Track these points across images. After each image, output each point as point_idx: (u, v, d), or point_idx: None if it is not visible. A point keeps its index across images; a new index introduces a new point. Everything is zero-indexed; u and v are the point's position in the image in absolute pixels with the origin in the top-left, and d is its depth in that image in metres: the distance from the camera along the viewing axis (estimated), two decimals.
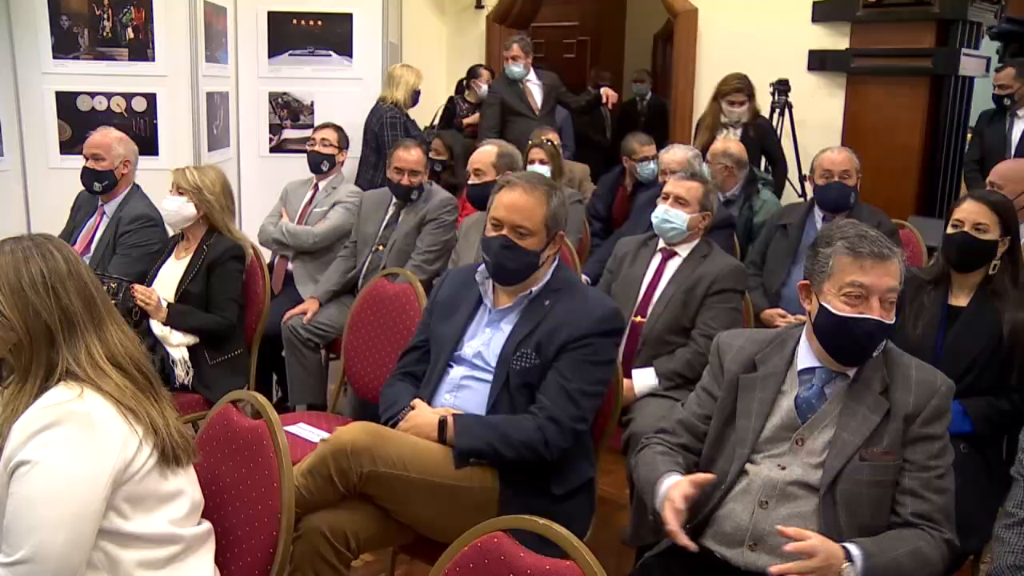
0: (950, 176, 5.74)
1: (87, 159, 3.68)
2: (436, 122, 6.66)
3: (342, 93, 5.67)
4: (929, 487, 1.92)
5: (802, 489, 1.94)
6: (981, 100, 5.76)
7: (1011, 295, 2.72)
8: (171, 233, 3.60)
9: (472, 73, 6.74)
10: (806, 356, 2.04)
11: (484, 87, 6.56)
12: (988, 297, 2.75)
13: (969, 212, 2.74)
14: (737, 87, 5.14)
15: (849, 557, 1.80)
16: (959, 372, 2.55)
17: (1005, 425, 2.63)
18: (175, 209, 3.37)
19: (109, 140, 3.69)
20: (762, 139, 5.21)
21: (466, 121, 6.56)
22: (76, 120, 4.72)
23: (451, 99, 6.79)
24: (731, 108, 5.13)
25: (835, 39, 5.80)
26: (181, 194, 3.36)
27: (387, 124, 5.31)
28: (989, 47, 5.95)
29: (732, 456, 2.04)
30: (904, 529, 1.92)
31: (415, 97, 5.60)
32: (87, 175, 3.69)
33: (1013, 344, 2.66)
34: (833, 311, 1.94)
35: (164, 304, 3.24)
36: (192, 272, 3.32)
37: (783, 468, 1.96)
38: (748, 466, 2.00)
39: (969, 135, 5.85)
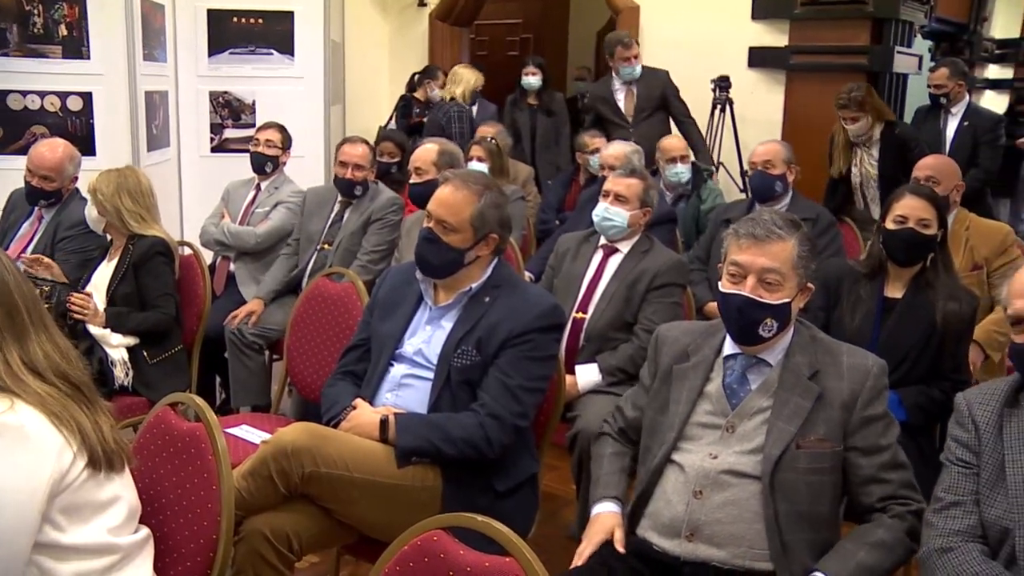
0: None
1: (34, 177, 3.62)
2: (391, 122, 6.62)
3: (284, 92, 5.63)
4: (887, 467, 1.98)
5: (735, 477, 1.96)
6: (915, 97, 5.89)
7: (943, 286, 2.78)
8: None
9: (427, 73, 6.71)
10: (730, 343, 2.09)
11: (437, 90, 6.55)
12: (922, 288, 2.81)
13: (913, 208, 2.79)
14: (842, 103, 4.61)
15: None
16: (895, 362, 2.61)
17: (938, 413, 2.70)
18: (89, 214, 3.39)
19: (59, 160, 3.65)
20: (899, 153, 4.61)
21: (425, 121, 6.54)
22: (8, 119, 4.61)
23: (404, 98, 6.75)
24: (847, 126, 4.62)
25: (774, 36, 5.90)
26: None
27: (454, 118, 5.83)
28: (921, 45, 6.09)
29: (662, 442, 2.07)
30: (857, 528, 1.98)
31: (474, 96, 6.26)
32: (34, 193, 3.64)
33: (945, 334, 2.72)
34: (720, 288, 2.04)
35: (101, 310, 3.20)
36: (120, 273, 3.28)
37: (715, 457, 1.98)
38: (681, 456, 2.02)
39: None
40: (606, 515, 2.12)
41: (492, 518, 1.50)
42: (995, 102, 9.09)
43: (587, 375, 3.03)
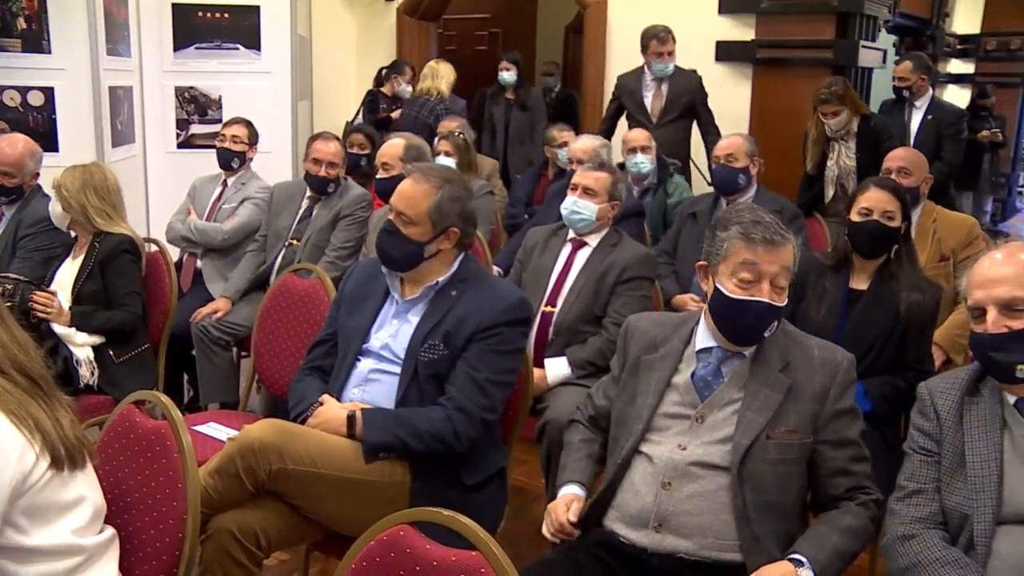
0: None
1: None
2: (358, 117, 6.59)
3: (251, 88, 5.58)
4: (854, 460, 2.01)
5: (704, 469, 1.97)
6: (879, 91, 5.95)
7: (907, 277, 2.82)
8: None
9: (395, 68, 6.68)
10: (704, 336, 2.09)
11: (404, 85, 6.53)
12: (886, 280, 2.84)
13: (877, 200, 2.82)
14: (824, 97, 4.59)
15: (798, 564, 1.88)
16: (860, 353, 2.62)
17: (902, 403, 2.72)
18: (53, 210, 3.35)
19: (20, 155, 3.61)
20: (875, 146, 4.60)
21: (393, 116, 6.53)
22: None
23: (372, 92, 6.72)
24: (827, 120, 4.61)
25: (741, 30, 5.92)
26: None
27: (440, 113, 5.82)
28: (886, 40, 6.15)
29: (630, 434, 2.08)
30: (828, 511, 2.01)
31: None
32: None
33: (909, 324, 2.76)
34: (726, 293, 2.00)
35: (66, 308, 3.16)
36: (86, 271, 3.24)
37: (683, 448, 1.99)
38: (649, 447, 2.03)
39: None
40: (565, 494, 2.15)
41: (461, 512, 1.50)
42: (957, 96, 9.22)
43: (556, 368, 3.04)
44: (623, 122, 5.51)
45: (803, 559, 1.90)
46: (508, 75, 6.43)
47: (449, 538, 1.49)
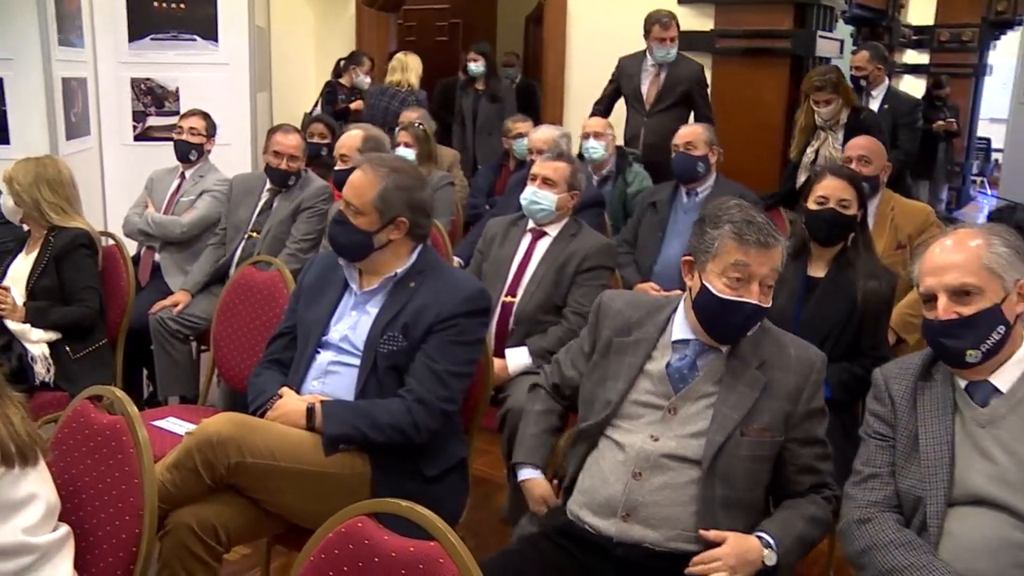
0: None
1: None
2: (317, 108, 6.55)
3: (209, 79, 5.49)
4: (820, 458, 2.04)
5: (675, 461, 1.98)
6: None
7: (863, 265, 2.85)
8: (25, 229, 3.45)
9: (353, 59, 6.64)
10: (682, 327, 2.09)
11: (363, 76, 6.48)
12: (843, 268, 2.87)
13: (833, 189, 2.84)
14: (818, 85, 4.57)
15: (766, 544, 1.91)
16: (818, 340, 2.64)
17: (860, 389, 2.75)
18: (5, 204, 3.30)
19: None
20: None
21: (353, 107, 6.49)
22: None
23: (330, 84, 6.68)
24: (819, 109, 4.58)
25: (700, 20, 5.94)
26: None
27: (412, 104, 5.84)
28: (843, 30, 6.21)
29: (599, 416, 2.08)
30: (791, 499, 2.04)
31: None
32: None
33: (865, 312, 2.79)
34: (714, 291, 1.98)
35: (20, 304, 3.11)
36: (40, 266, 3.19)
37: (656, 439, 2.00)
38: (620, 435, 2.04)
39: None
40: (534, 484, 2.20)
41: (422, 503, 1.50)
42: (913, 86, 9.33)
43: (517, 358, 3.04)
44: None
45: (770, 539, 1.93)
46: (475, 66, 6.41)
47: (410, 529, 1.49)
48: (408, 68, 6.28)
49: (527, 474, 2.22)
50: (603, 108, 5.43)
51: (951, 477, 1.80)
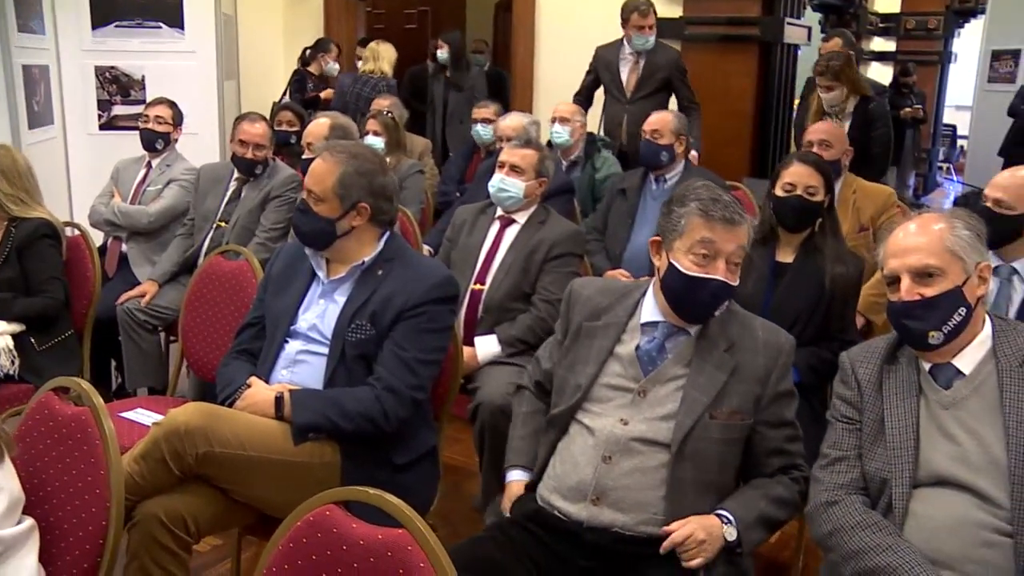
0: (780, 140, 6.01)
1: None
2: (286, 97, 6.50)
3: (175, 67, 5.46)
4: (789, 440, 2.06)
5: (645, 445, 1.98)
6: (806, 67, 6.04)
7: (831, 250, 2.87)
8: None
9: (320, 46, 6.59)
10: (651, 310, 2.10)
11: (332, 63, 6.44)
12: (811, 253, 2.89)
13: (800, 175, 2.86)
14: (819, 70, 4.54)
15: (725, 520, 1.93)
16: (787, 325, 2.65)
17: (828, 373, 2.77)
18: None
19: None
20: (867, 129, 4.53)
21: (323, 96, 6.45)
22: None
23: (299, 72, 6.62)
24: (823, 94, 4.53)
25: (670, 7, 5.94)
26: None
27: (385, 91, 5.76)
28: (811, 17, 6.24)
29: (569, 401, 2.09)
30: (758, 479, 2.06)
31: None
32: None
33: (833, 296, 2.81)
34: (681, 269, 2.00)
35: None
36: (2, 257, 3.15)
37: (625, 423, 2.00)
38: (590, 419, 2.05)
39: (797, 100, 6.14)
40: (515, 486, 2.19)
41: (392, 492, 1.49)
42: (880, 73, 9.41)
43: (486, 346, 3.04)
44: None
45: (730, 517, 1.94)
46: (441, 53, 6.42)
47: (379, 517, 1.49)
48: (380, 56, 6.26)
49: (512, 476, 2.22)
50: (583, 98, 5.37)
51: (916, 459, 1.83)
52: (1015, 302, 2.63)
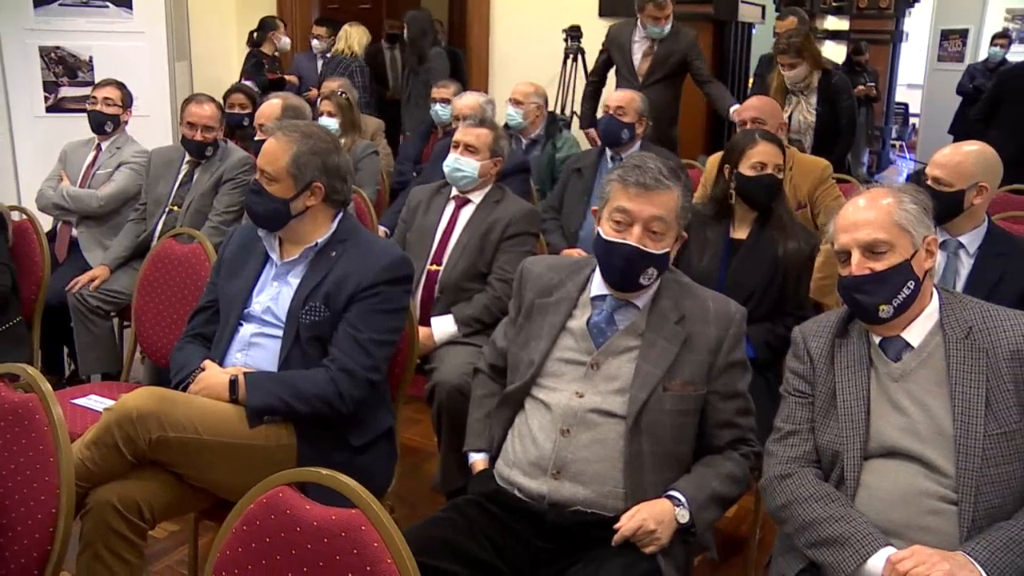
0: None
1: None
2: (241, 79, 6.40)
3: (124, 48, 5.35)
4: (740, 413, 2.07)
5: (601, 416, 1.99)
6: (759, 46, 6.08)
7: (784, 226, 2.90)
8: None
9: (266, 26, 6.50)
10: (599, 284, 2.11)
11: (284, 39, 6.37)
12: (765, 229, 2.92)
13: (769, 154, 2.89)
14: (781, 48, 4.53)
15: (677, 503, 1.93)
16: (741, 300, 2.67)
17: (783, 348, 2.80)
18: None
19: None
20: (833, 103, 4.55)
21: (288, 79, 6.39)
22: None
23: (253, 54, 6.53)
24: (785, 72, 4.52)
25: None
26: None
27: (357, 71, 6.12)
28: None
29: (523, 378, 2.09)
30: (709, 456, 2.07)
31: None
32: None
33: (787, 272, 2.85)
34: (602, 235, 2.03)
35: None
36: None
37: (581, 396, 2.01)
38: (545, 394, 2.05)
39: (751, 79, 6.18)
40: (478, 463, 2.19)
41: (350, 473, 1.48)
42: (833, 52, 9.46)
43: (443, 326, 3.03)
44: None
45: (681, 498, 1.95)
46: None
47: (336, 499, 1.48)
48: (351, 37, 6.33)
49: (475, 457, 2.22)
50: (597, 79, 5.26)
51: (867, 431, 1.86)
52: (962, 276, 2.68)
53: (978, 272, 2.65)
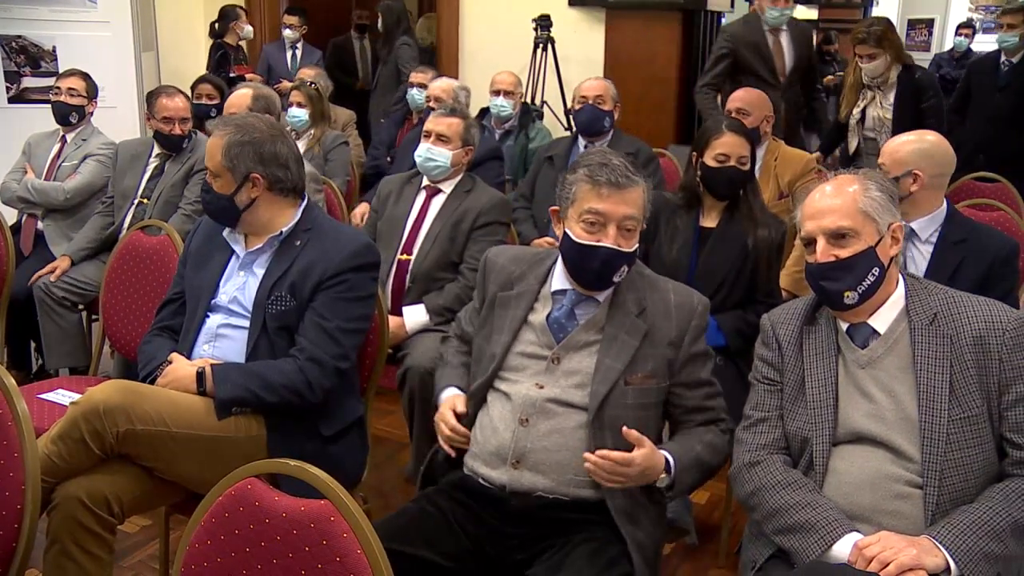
0: None
1: None
2: (208, 70, 6.34)
3: (88, 38, 5.28)
4: (709, 397, 2.08)
5: (561, 406, 1.99)
6: None
7: (754, 215, 2.92)
8: None
9: (228, 15, 6.42)
10: (560, 278, 2.11)
11: (246, 28, 6.30)
12: (734, 218, 2.93)
13: (732, 146, 2.89)
14: (860, 37, 4.23)
15: (666, 468, 1.93)
16: (712, 289, 2.73)
17: (754, 336, 2.82)
18: None
19: None
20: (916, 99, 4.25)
21: (249, 78, 6.31)
22: None
23: (218, 46, 6.45)
24: (863, 64, 4.24)
25: None
26: None
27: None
28: None
29: (485, 371, 2.09)
30: (688, 428, 2.08)
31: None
32: None
33: (757, 259, 2.86)
34: (574, 237, 2.01)
35: None
36: None
37: (541, 387, 2.01)
38: (507, 386, 2.05)
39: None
40: (447, 397, 2.17)
41: (320, 464, 1.48)
42: None
43: (414, 316, 3.03)
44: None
45: (670, 460, 1.95)
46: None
47: (306, 490, 1.47)
48: None
49: (446, 392, 2.20)
50: (715, 83, 4.83)
51: (835, 417, 1.87)
52: (916, 262, 2.70)
53: (938, 259, 2.68)
